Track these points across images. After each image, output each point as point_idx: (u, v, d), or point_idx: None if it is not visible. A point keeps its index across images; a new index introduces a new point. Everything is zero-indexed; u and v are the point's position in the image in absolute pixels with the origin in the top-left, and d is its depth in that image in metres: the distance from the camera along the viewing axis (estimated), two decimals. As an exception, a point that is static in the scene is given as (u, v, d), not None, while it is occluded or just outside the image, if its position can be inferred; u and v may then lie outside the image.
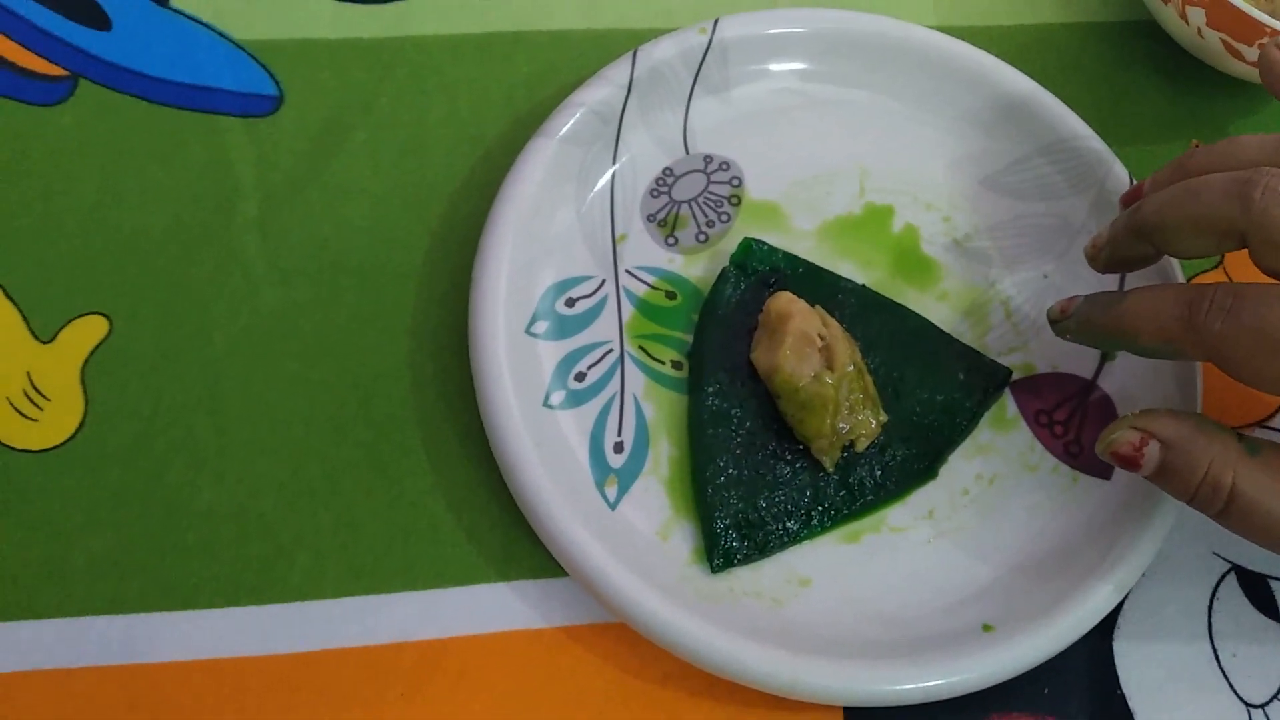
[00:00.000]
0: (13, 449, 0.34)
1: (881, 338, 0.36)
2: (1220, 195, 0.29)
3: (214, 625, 0.33)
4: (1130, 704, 0.34)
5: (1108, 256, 0.34)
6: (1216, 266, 0.40)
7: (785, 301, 0.35)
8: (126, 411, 0.35)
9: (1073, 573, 0.33)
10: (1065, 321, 0.34)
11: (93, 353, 0.35)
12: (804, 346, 0.34)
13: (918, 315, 0.37)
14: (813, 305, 0.35)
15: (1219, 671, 0.34)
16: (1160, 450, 0.30)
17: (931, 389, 0.36)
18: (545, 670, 0.33)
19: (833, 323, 0.35)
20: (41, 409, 0.35)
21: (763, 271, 0.37)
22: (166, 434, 0.35)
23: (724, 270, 0.37)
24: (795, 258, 0.37)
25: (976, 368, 0.37)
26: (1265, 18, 0.37)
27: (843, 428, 0.34)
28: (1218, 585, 0.36)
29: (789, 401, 0.34)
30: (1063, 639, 0.32)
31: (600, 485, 0.34)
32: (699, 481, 0.34)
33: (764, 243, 0.37)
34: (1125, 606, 0.35)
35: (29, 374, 0.35)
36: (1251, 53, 0.39)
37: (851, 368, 0.34)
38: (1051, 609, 0.33)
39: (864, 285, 0.37)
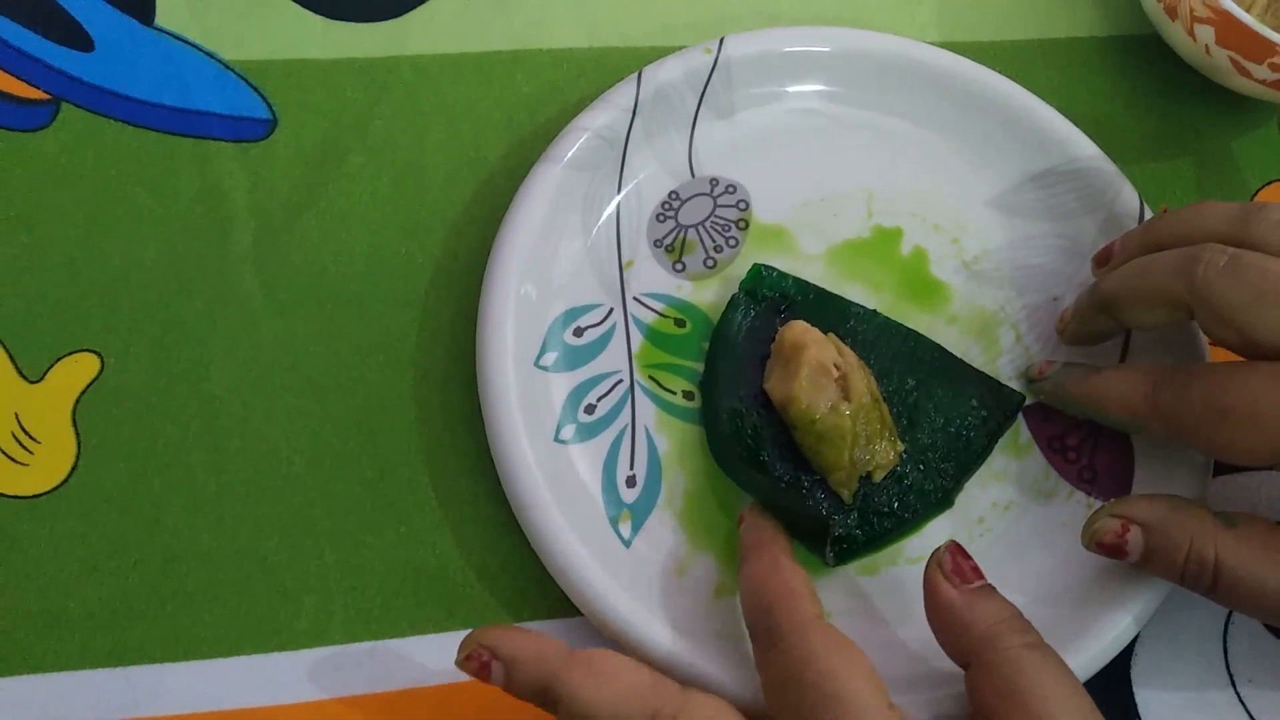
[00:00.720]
0: (3, 495, 0.33)
1: (895, 365, 0.36)
2: (1169, 272, 0.31)
3: (219, 675, 0.32)
4: (1151, 734, 0.33)
5: (1074, 330, 0.36)
6: None
7: (800, 331, 0.34)
8: (121, 453, 0.34)
9: (1092, 603, 0.33)
10: (1041, 383, 0.36)
11: (84, 392, 0.34)
12: (820, 377, 0.33)
13: (930, 340, 0.37)
14: (825, 333, 0.35)
15: (1236, 698, 0.34)
16: (1143, 535, 0.31)
17: (946, 416, 0.36)
18: (562, 714, 0.32)
19: (848, 352, 0.34)
20: (32, 452, 0.33)
21: (773, 298, 0.36)
22: (163, 475, 0.33)
23: (734, 297, 0.36)
24: (806, 284, 0.37)
25: (989, 393, 0.36)
26: (1276, 36, 0.37)
27: (861, 458, 0.34)
28: (1232, 612, 0.35)
29: (805, 433, 0.33)
30: (1084, 671, 0.32)
31: (614, 521, 0.34)
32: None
33: (774, 269, 0.37)
34: (1141, 635, 0.35)
35: (17, 415, 0.34)
36: (1261, 71, 0.38)
37: (868, 398, 0.33)
38: (1071, 641, 0.32)
39: (875, 310, 0.37)
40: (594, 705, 0.26)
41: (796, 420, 0.33)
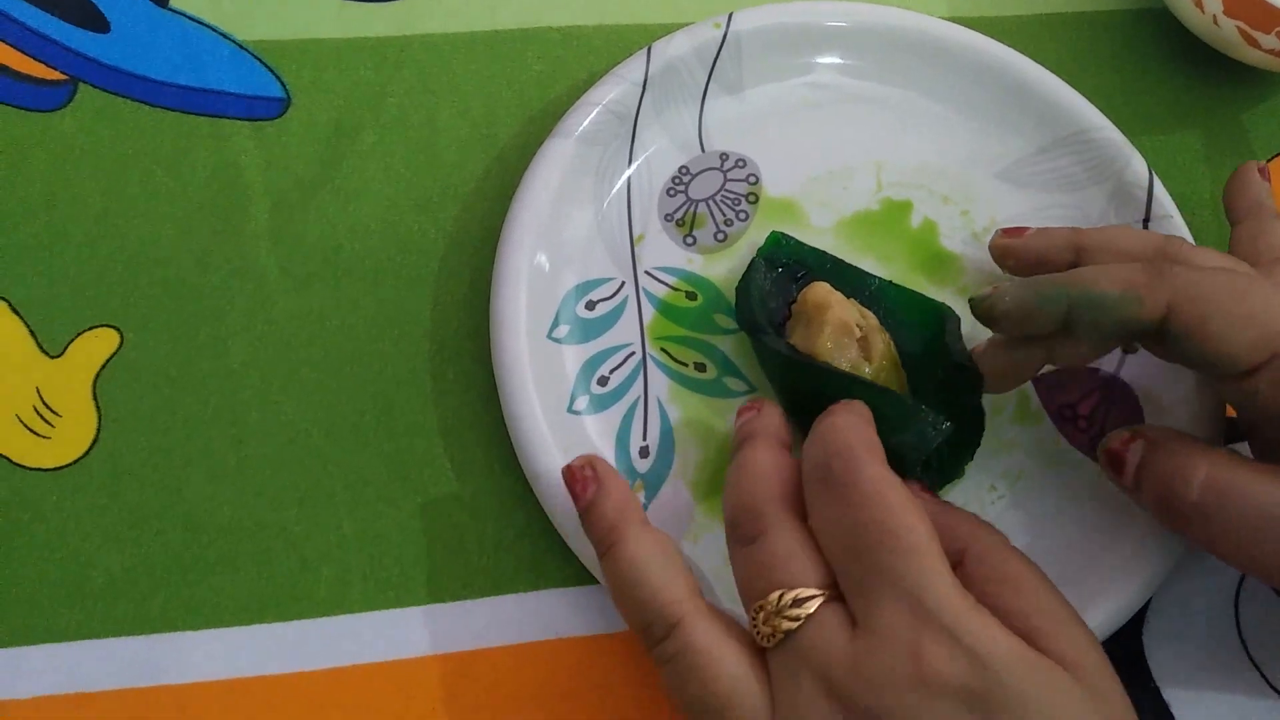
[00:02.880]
0: (25, 468, 0.33)
1: (911, 333, 0.36)
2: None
3: (238, 643, 0.32)
4: (1165, 697, 0.34)
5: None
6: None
7: (824, 292, 0.34)
8: (141, 426, 0.34)
9: (1104, 569, 0.33)
10: (1000, 295, 0.31)
11: (104, 366, 0.35)
12: (842, 336, 0.33)
13: (949, 309, 0.36)
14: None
15: (1249, 661, 0.35)
16: (1144, 447, 0.31)
17: (957, 386, 0.36)
18: (577, 680, 0.33)
19: (869, 314, 0.34)
20: (53, 425, 0.34)
21: (790, 265, 0.36)
22: (183, 448, 0.34)
23: (753, 261, 0.36)
24: (823, 253, 0.37)
25: None
26: (1283, 6, 0.37)
27: None
28: (1243, 576, 0.36)
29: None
30: (1096, 635, 0.32)
31: (628, 491, 0.34)
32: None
33: (792, 237, 0.37)
34: (1153, 599, 0.35)
35: (39, 390, 0.34)
36: (1269, 40, 0.39)
37: (888, 360, 0.34)
38: (1084, 606, 0.32)
39: (890, 281, 0.37)
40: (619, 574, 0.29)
41: None
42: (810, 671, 0.26)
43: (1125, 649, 0.34)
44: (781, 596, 0.27)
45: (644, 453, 0.35)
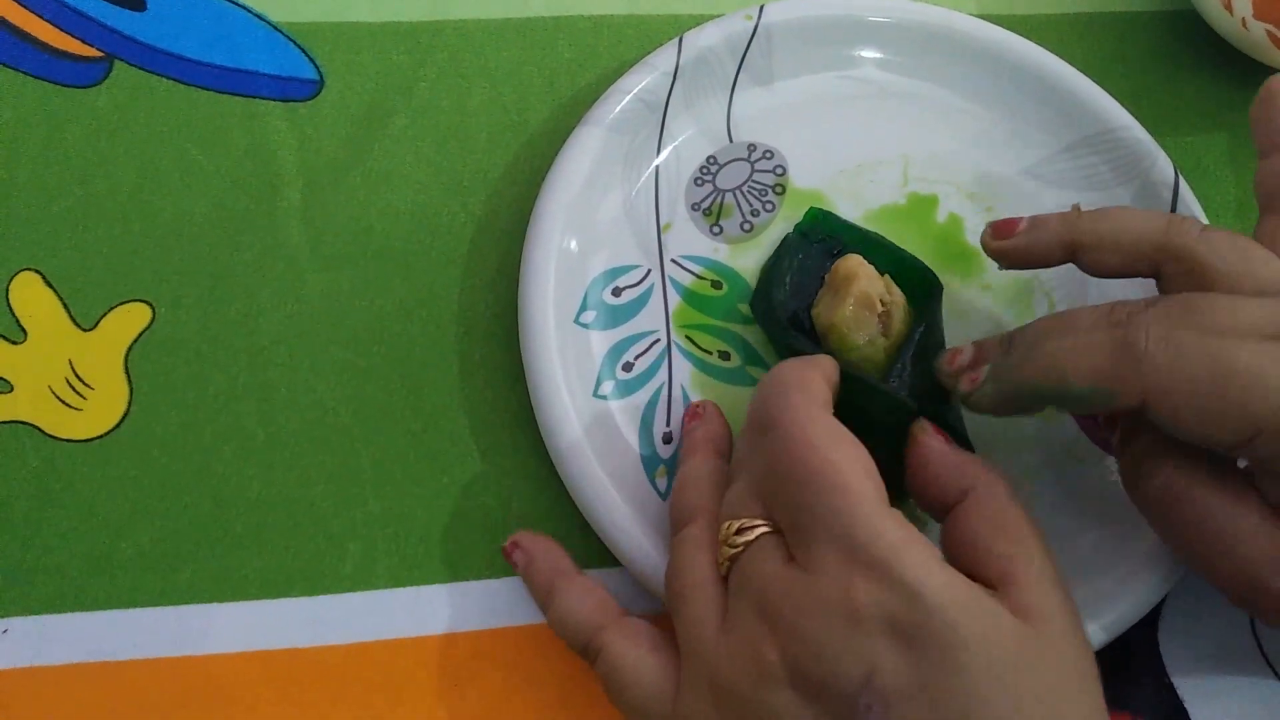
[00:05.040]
0: (57, 439, 0.34)
1: (939, 321, 0.36)
2: (1106, 356, 0.28)
3: (265, 616, 0.33)
4: (1180, 693, 0.34)
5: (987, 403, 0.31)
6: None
7: (855, 264, 0.34)
8: (172, 400, 0.34)
9: (1120, 564, 0.34)
10: (978, 392, 0.30)
11: (136, 340, 0.35)
12: (864, 310, 0.33)
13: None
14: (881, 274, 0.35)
15: (1263, 659, 0.35)
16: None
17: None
18: (599, 661, 0.33)
19: (897, 292, 0.34)
20: (85, 398, 0.34)
21: (827, 241, 0.36)
22: (213, 423, 0.34)
23: (787, 237, 0.36)
24: (862, 229, 0.37)
25: None
26: (1313, 9, 0.37)
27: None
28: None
29: (841, 362, 0.34)
30: (1112, 630, 0.32)
31: (651, 475, 0.34)
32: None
33: (830, 213, 0.37)
34: (1169, 596, 0.35)
35: (71, 362, 0.34)
36: (1297, 44, 0.39)
37: (903, 340, 0.34)
38: (1101, 600, 0.33)
39: (928, 267, 0.36)
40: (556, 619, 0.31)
41: (835, 348, 0.34)
42: (750, 594, 0.27)
43: (1140, 643, 0.34)
44: (728, 527, 0.28)
45: (667, 438, 0.35)
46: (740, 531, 0.28)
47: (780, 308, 0.35)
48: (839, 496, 0.26)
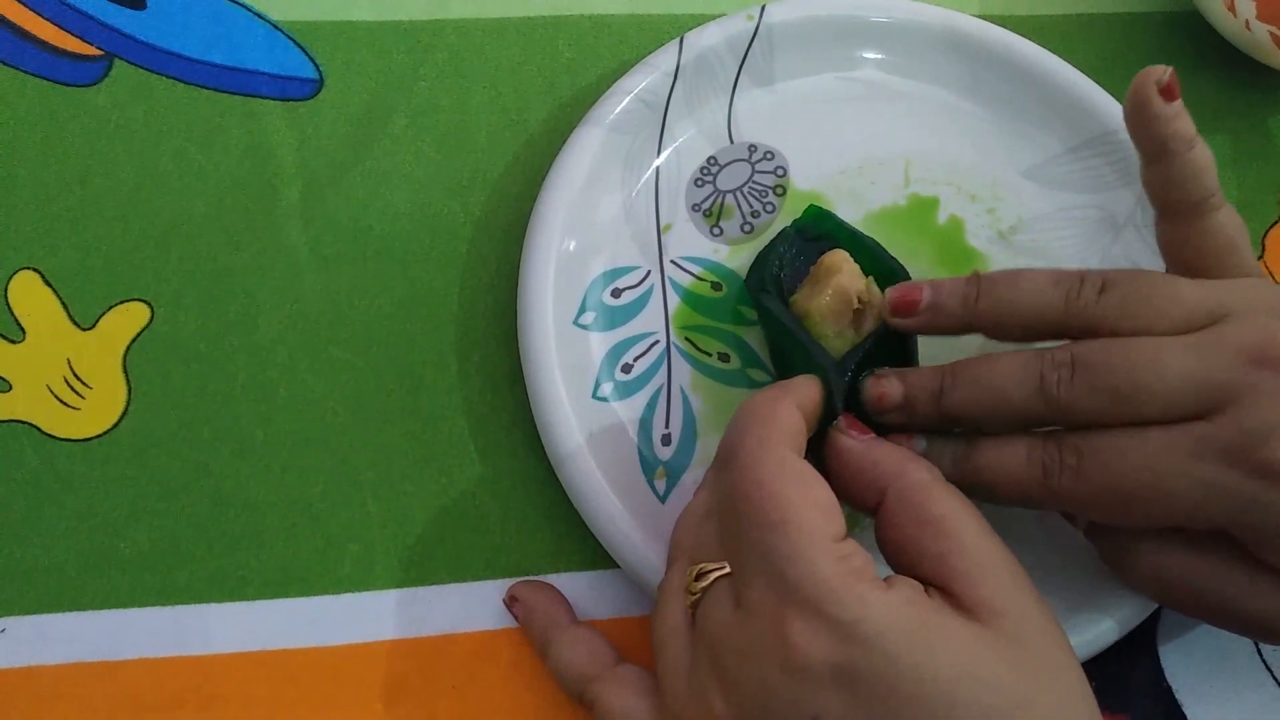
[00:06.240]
0: (55, 438, 0.34)
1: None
2: (1021, 392, 0.29)
3: (263, 616, 0.33)
4: (1178, 697, 0.34)
5: (913, 425, 0.31)
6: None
7: (840, 259, 0.34)
8: (170, 400, 0.34)
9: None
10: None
11: (134, 340, 0.35)
12: (839, 304, 0.33)
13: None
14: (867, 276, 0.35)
15: (1261, 664, 0.35)
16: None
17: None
18: (596, 662, 0.33)
19: (877, 294, 0.34)
20: (84, 397, 0.34)
21: (822, 239, 0.36)
22: (212, 423, 0.34)
23: (784, 230, 0.36)
24: (856, 233, 0.36)
25: None
26: (1316, 11, 0.37)
27: None
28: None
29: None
30: (1111, 634, 0.32)
31: (650, 477, 0.34)
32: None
33: (829, 211, 0.37)
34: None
35: (70, 361, 0.34)
36: (1301, 47, 0.39)
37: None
38: (1099, 604, 0.33)
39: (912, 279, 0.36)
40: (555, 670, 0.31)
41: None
42: (704, 643, 0.26)
43: (1139, 649, 0.34)
44: (689, 572, 0.27)
45: (666, 440, 0.35)
46: (699, 577, 0.27)
47: (764, 272, 0.35)
48: (776, 534, 0.25)
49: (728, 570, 0.26)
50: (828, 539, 0.25)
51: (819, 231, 0.36)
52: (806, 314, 0.34)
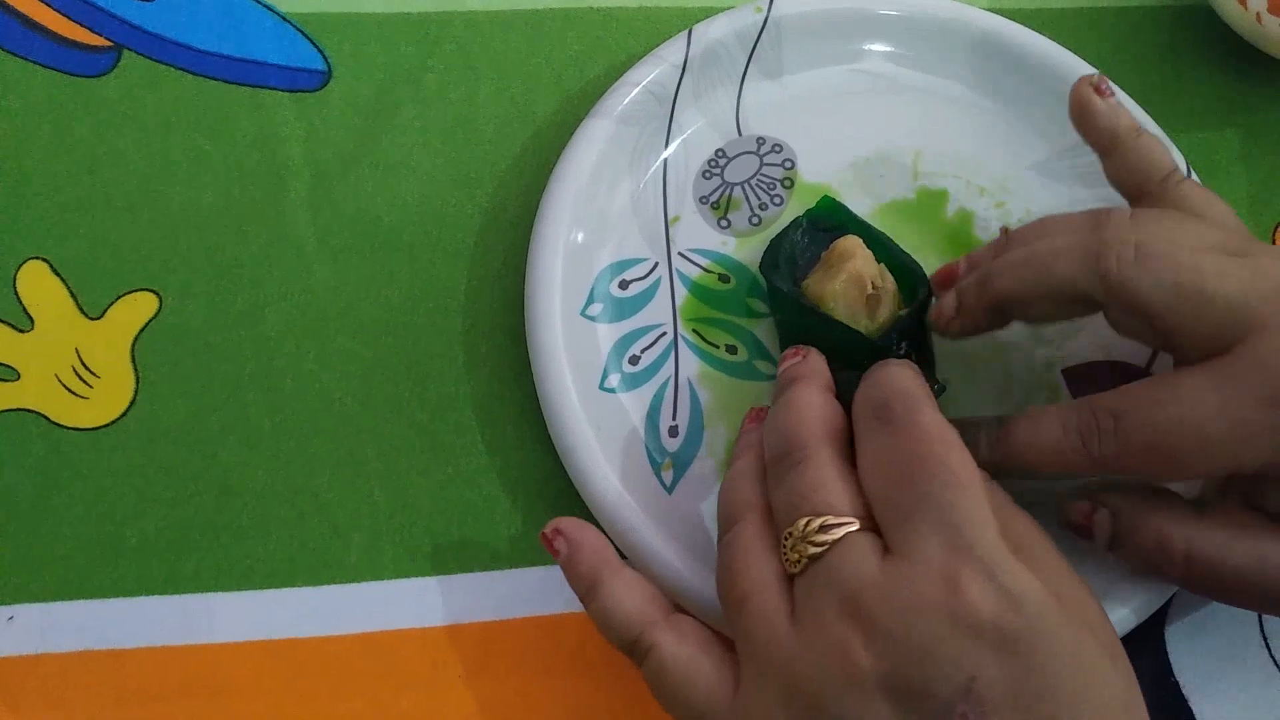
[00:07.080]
0: (64, 427, 0.34)
1: (927, 328, 0.36)
2: (1075, 266, 0.30)
3: (270, 606, 0.33)
4: (1184, 691, 0.34)
5: (960, 327, 0.33)
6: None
7: (853, 244, 0.34)
8: (178, 390, 0.34)
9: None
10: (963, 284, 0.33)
11: (143, 330, 0.35)
12: (853, 289, 0.33)
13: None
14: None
15: (1270, 658, 0.35)
16: (1109, 519, 0.31)
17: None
18: (604, 653, 0.33)
19: (890, 281, 0.34)
20: (92, 386, 0.34)
21: (834, 230, 0.36)
22: (219, 412, 0.34)
23: (797, 219, 0.36)
24: (868, 226, 0.36)
25: None
26: (1327, 5, 0.37)
27: None
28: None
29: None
30: (1119, 628, 0.32)
31: (657, 468, 0.34)
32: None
33: (843, 204, 0.37)
34: (1176, 595, 0.35)
35: (78, 351, 0.35)
36: (1312, 40, 0.38)
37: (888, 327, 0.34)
38: (1108, 598, 0.33)
39: (924, 275, 0.36)
40: (600, 613, 0.29)
41: None
42: (835, 595, 0.26)
43: (1147, 642, 0.34)
44: (808, 523, 0.27)
45: (673, 432, 0.35)
46: (824, 529, 0.27)
47: (777, 257, 0.35)
48: (962, 493, 0.26)
49: (859, 526, 0.27)
50: (992, 511, 0.26)
51: (832, 223, 0.36)
52: (820, 298, 0.33)
